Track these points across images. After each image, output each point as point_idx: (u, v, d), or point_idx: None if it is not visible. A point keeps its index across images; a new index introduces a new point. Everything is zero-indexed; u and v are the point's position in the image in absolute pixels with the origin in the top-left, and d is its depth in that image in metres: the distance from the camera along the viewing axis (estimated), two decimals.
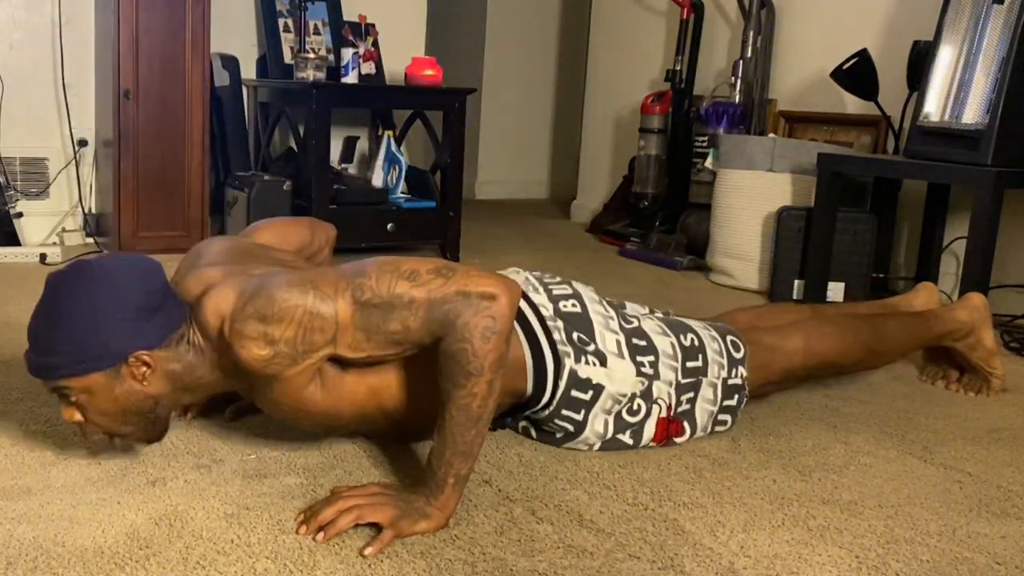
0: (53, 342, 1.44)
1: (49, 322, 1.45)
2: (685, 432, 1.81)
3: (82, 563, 1.28)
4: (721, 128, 3.86)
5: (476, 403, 1.39)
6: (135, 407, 1.49)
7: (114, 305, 1.43)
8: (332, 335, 1.41)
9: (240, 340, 1.41)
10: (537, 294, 1.74)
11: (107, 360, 1.44)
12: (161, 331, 1.47)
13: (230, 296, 1.44)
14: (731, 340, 1.88)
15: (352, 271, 1.44)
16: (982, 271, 2.66)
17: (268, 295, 1.40)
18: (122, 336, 1.43)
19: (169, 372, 1.49)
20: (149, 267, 1.49)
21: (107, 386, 1.46)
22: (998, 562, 1.41)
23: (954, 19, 2.90)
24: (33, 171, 3.64)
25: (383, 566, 1.31)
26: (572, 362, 1.68)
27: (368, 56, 3.94)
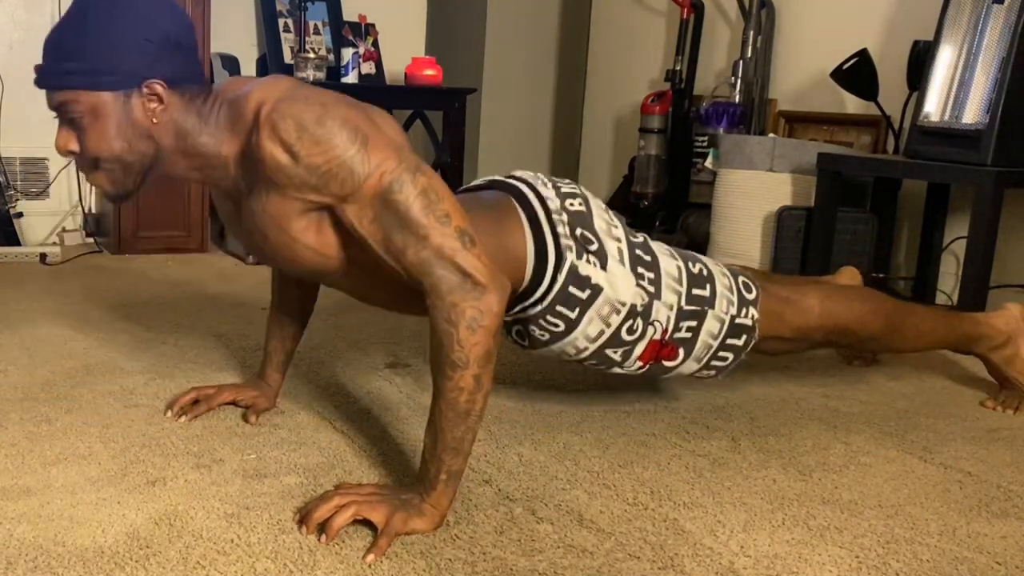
0: (72, 48, 1.39)
1: (71, 31, 1.40)
2: (677, 357, 1.77)
3: (82, 563, 1.28)
4: (721, 128, 3.86)
5: (463, 398, 1.38)
6: (134, 144, 1.44)
7: (143, 24, 1.39)
8: (348, 193, 1.38)
9: (268, 131, 1.37)
10: (545, 188, 1.71)
11: (122, 78, 1.39)
12: (181, 71, 1.43)
13: (284, 85, 1.40)
14: (743, 280, 1.83)
15: (407, 163, 1.40)
16: (982, 271, 2.66)
17: (320, 113, 1.36)
18: (144, 58, 1.39)
19: (176, 122, 1.44)
20: (184, 12, 1.46)
21: (115, 110, 1.41)
22: (998, 562, 1.41)
23: (954, 19, 2.90)
24: (33, 171, 3.64)
25: (383, 566, 1.31)
26: (573, 256, 1.65)
27: (368, 56, 3.94)
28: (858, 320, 1.92)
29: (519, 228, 1.65)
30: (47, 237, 3.67)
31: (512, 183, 1.73)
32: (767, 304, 1.83)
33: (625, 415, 1.98)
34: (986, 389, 2.26)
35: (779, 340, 1.90)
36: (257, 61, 4.05)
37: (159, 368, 2.15)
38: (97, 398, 1.94)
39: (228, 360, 2.24)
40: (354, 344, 2.43)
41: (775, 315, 1.84)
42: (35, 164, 3.63)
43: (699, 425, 1.94)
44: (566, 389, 2.14)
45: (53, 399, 1.92)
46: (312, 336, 2.43)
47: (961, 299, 2.72)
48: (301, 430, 1.80)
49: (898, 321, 1.98)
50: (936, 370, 2.41)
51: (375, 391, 2.07)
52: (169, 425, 1.80)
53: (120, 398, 1.94)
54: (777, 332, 1.86)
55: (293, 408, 1.92)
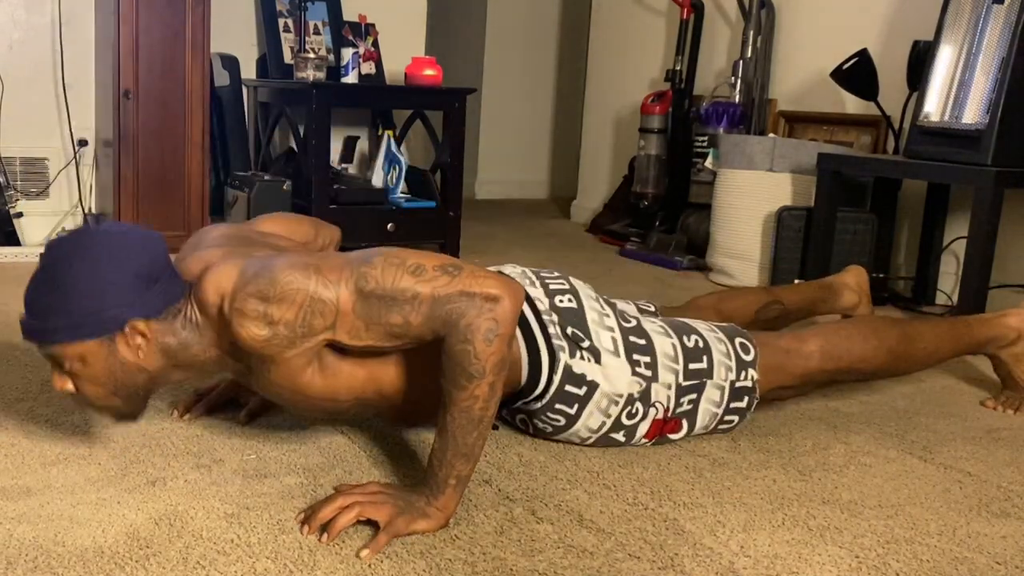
0: (49, 307, 1.43)
1: (46, 287, 1.44)
2: (682, 429, 1.80)
3: (82, 563, 1.28)
4: (721, 128, 3.86)
5: (478, 405, 1.39)
6: (127, 379, 1.48)
7: (113, 271, 1.42)
8: (332, 321, 1.41)
9: (240, 319, 1.40)
10: (534, 288, 1.73)
11: (103, 327, 1.43)
12: (159, 302, 1.46)
13: (231, 273, 1.43)
14: (740, 342, 1.84)
15: (358, 259, 1.44)
16: (982, 271, 2.66)
17: (270, 275, 1.40)
18: (119, 303, 1.42)
19: (165, 346, 1.48)
20: (150, 237, 1.48)
21: (101, 355, 1.45)
22: (998, 562, 1.41)
23: (954, 19, 2.90)
24: (33, 171, 3.64)
25: (383, 566, 1.31)
26: (567, 357, 1.67)
27: (368, 56, 3.94)
28: (860, 359, 1.91)
29: None
30: (47, 237, 3.67)
31: None
32: (767, 359, 1.84)
33: None
34: (987, 389, 2.26)
35: (784, 388, 1.91)
36: (257, 61, 4.05)
37: None
38: None
39: None
40: None
41: (776, 368, 1.85)
42: (35, 164, 3.63)
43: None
44: None
45: (53, 399, 1.92)
46: None
47: (961, 299, 2.72)
48: (301, 430, 1.80)
49: (903, 350, 1.97)
50: (936, 370, 2.41)
51: None
52: (169, 425, 1.80)
53: None
54: (780, 383, 1.88)
55: None
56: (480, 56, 5.84)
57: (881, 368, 1.96)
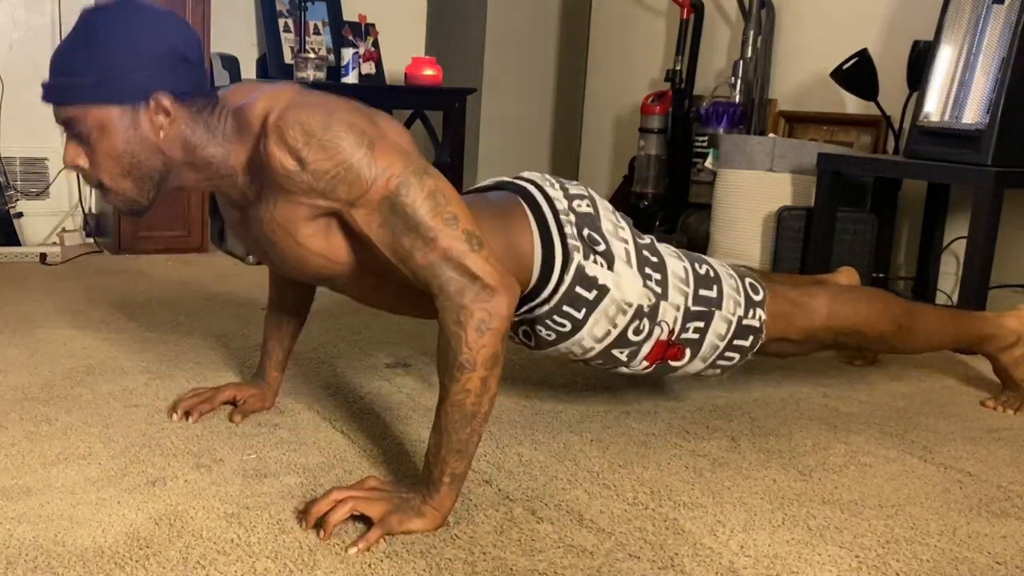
0: (78, 63, 1.39)
1: (78, 44, 1.40)
2: (684, 357, 1.78)
3: (82, 563, 1.28)
4: (721, 128, 3.86)
5: (470, 400, 1.38)
6: (143, 159, 1.44)
7: (148, 39, 1.39)
8: (356, 198, 1.39)
9: (276, 138, 1.37)
10: (553, 189, 1.71)
11: (129, 92, 1.39)
12: (188, 84, 1.43)
13: (289, 93, 1.41)
14: (750, 282, 1.83)
15: (414, 167, 1.40)
16: (982, 271, 2.66)
17: (326, 119, 1.37)
18: (150, 71, 1.39)
19: (184, 136, 1.44)
20: (190, 26, 1.46)
21: (122, 125, 1.41)
22: (998, 562, 1.41)
23: (954, 19, 2.90)
24: (33, 171, 3.64)
25: (383, 566, 1.31)
26: (580, 257, 1.65)
27: (368, 56, 3.94)
28: (866, 321, 1.91)
29: (526, 228, 1.66)
30: (47, 237, 3.67)
31: (520, 184, 1.73)
32: (774, 306, 1.83)
33: (625, 415, 1.98)
34: (987, 389, 2.26)
35: (786, 342, 1.90)
36: (257, 61, 4.04)
37: (159, 368, 2.15)
38: (97, 398, 1.94)
39: (228, 360, 2.24)
40: (354, 344, 2.43)
41: (783, 316, 1.84)
42: (35, 164, 3.63)
43: (699, 425, 1.94)
44: (566, 389, 2.14)
45: (53, 399, 1.92)
46: (312, 336, 2.43)
47: (961, 299, 2.71)
48: (301, 430, 1.80)
49: (906, 322, 1.97)
50: (936, 370, 2.41)
51: (375, 391, 2.07)
52: (169, 425, 1.80)
53: (120, 398, 1.94)
54: (784, 334, 1.86)
55: (293, 408, 1.92)
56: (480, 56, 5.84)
57: (884, 336, 1.95)
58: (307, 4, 3.88)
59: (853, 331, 1.91)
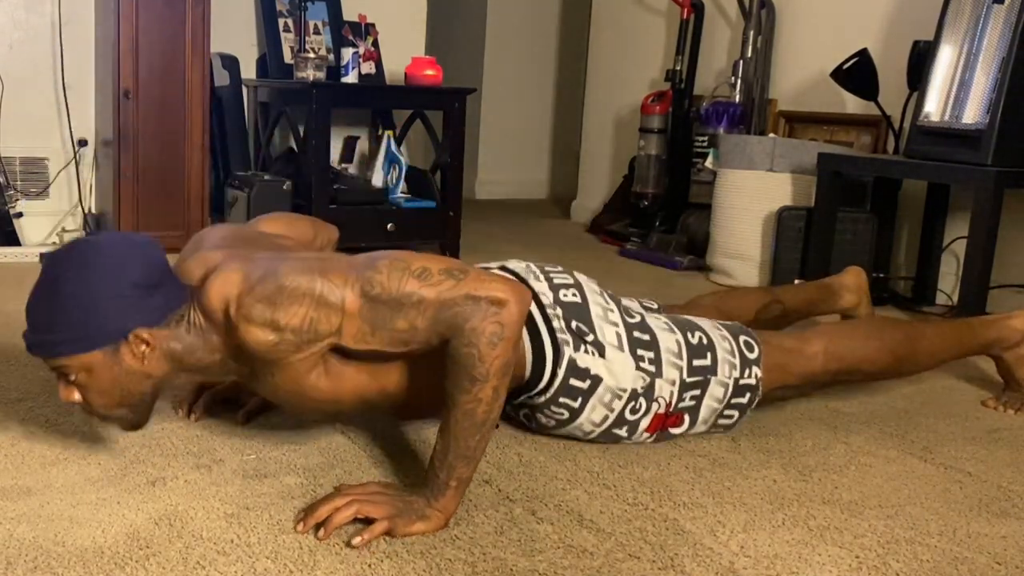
0: (52, 320, 1.43)
1: (47, 300, 1.44)
2: (683, 424, 1.79)
3: (82, 563, 1.28)
4: (721, 128, 3.86)
5: (481, 408, 1.39)
6: (133, 387, 1.48)
7: (113, 282, 1.42)
8: (338, 326, 1.41)
9: (246, 324, 1.40)
10: (538, 282, 1.73)
11: (106, 337, 1.43)
12: (161, 309, 1.46)
13: (235, 278, 1.43)
14: (744, 340, 1.84)
15: (363, 263, 1.43)
16: (982, 271, 2.66)
17: (276, 280, 1.40)
18: (121, 313, 1.42)
19: (169, 352, 1.48)
20: (148, 244, 1.48)
21: (107, 365, 1.45)
22: (998, 562, 1.41)
23: (954, 19, 2.90)
24: (33, 171, 3.64)
25: (383, 566, 1.31)
26: (571, 351, 1.67)
27: (368, 56, 3.94)
28: (864, 359, 1.93)
29: None
30: (47, 237, 3.67)
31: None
32: (770, 358, 1.84)
33: None
34: (987, 389, 2.26)
35: (787, 387, 1.91)
36: (257, 61, 4.05)
37: None
38: None
39: None
40: None
41: (779, 367, 1.86)
42: (35, 164, 3.63)
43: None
44: None
45: (53, 399, 1.92)
46: None
47: (961, 299, 2.72)
48: (301, 430, 1.80)
49: (906, 352, 1.98)
50: (937, 370, 2.41)
51: None
52: (169, 425, 1.80)
53: None
54: (783, 382, 1.88)
55: None
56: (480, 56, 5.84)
57: (884, 370, 1.97)
58: (307, 4, 3.88)
59: (852, 370, 1.93)
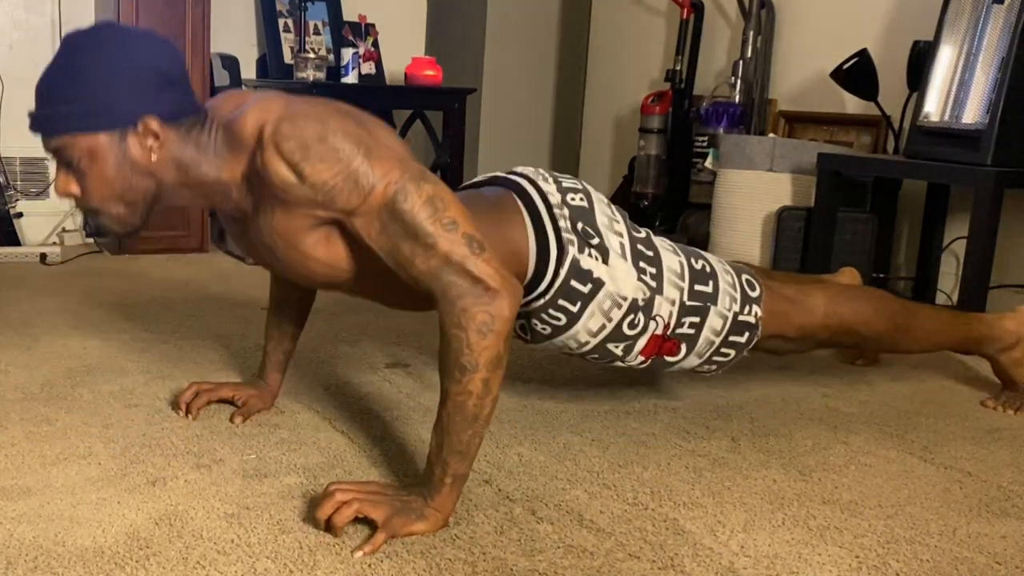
0: (63, 94, 1.40)
1: (61, 74, 1.41)
2: (679, 353, 1.78)
3: (82, 563, 1.28)
4: (721, 128, 3.86)
5: (471, 401, 1.38)
6: (134, 183, 1.44)
7: (131, 64, 1.39)
8: (355, 207, 1.39)
9: (272, 151, 1.37)
10: (546, 183, 1.72)
11: (117, 118, 1.40)
12: (176, 105, 1.43)
13: (279, 105, 1.40)
14: (746, 278, 1.83)
15: (411, 172, 1.40)
16: (982, 271, 2.66)
17: (321, 129, 1.37)
18: (136, 96, 1.40)
19: (175, 157, 1.44)
20: (170, 43, 1.46)
21: (112, 151, 1.41)
22: (998, 562, 1.41)
23: (954, 19, 2.90)
24: (33, 171, 3.64)
25: (383, 566, 1.31)
26: (575, 250, 1.66)
27: (368, 56, 3.94)
28: (863, 320, 1.92)
29: (521, 223, 1.66)
30: (47, 237, 3.67)
31: (513, 179, 1.73)
32: (771, 303, 1.84)
33: (625, 415, 1.98)
34: (987, 389, 2.26)
35: (783, 339, 1.90)
36: (257, 61, 4.04)
37: (159, 368, 2.15)
38: (97, 398, 1.94)
39: (228, 360, 2.24)
40: (354, 344, 2.43)
41: (779, 314, 1.85)
42: (35, 164, 3.63)
43: (699, 425, 1.94)
44: (566, 389, 2.14)
45: (53, 399, 1.92)
46: (312, 336, 2.43)
47: (961, 299, 2.72)
48: (301, 430, 1.80)
49: (904, 322, 1.98)
50: (936, 370, 2.41)
51: (375, 391, 2.07)
52: (169, 425, 1.80)
53: (120, 398, 1.94)
54: (781, 331, 1.87)
55: (293, 408, 1.92)
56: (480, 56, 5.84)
57: (881, 335, 1.96)
58: (307, 4, 3.88)
59: (850, 330, 1.92)
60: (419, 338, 2.50)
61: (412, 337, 2.52)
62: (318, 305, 1.97)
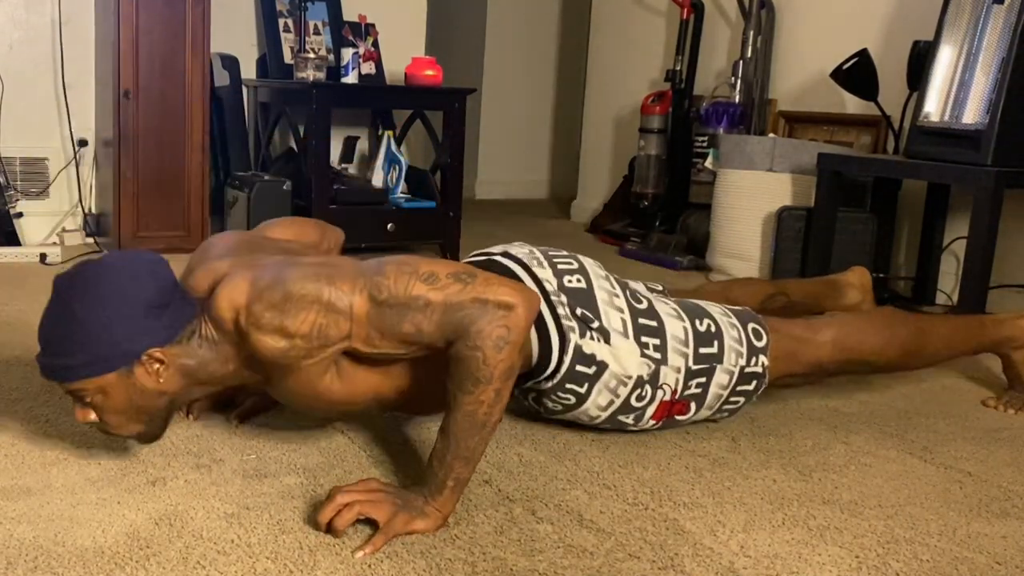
0: (65, 345, 1.43)
1: (59, 325, 1.44)
2: (689, 411, 1.80)
3: (82, 563, 1.28)
4: (721, 128, 3.86)
5: (482, 410, 1.40)
6: (148, 405, 1.49)
7: (123, 304, 1.43)
8: (347, 331, 1.42)
9: (256, 332, 1.41)
10: (542, 269, 1.73)
11: (120, 360, 1.44)
12: (172, 327, 1.46)
13: (243, 286, 1.43)
14: (752, 328, 1.83)
15: (370, 269, 1.44)
16: (982, 271, 2.66)
17: (284, 288, 1.40)
18: (134, 335, 1.43)
19: (183, 368, 1.48)
20: (155, 263, 1.49)
21: (121, 385, 1.46)
22: (998, 562, 1.41)
23: (954, 19, 2.90)
24: (33, 171, 3.64)
25: (383, 566, 1.31)
26: (577, 337, 1.67)
27: (368, 56, 3.94)
28: (872, 351, 1.93)
29: None
30: (47, 237, 3.67)
31: (508, 265, 1.74)
32: (779, 346, 1.85)
33: None
34: (987, 389, 2.26)
35: (794, 376, 1.92)
36: (257, 61, 4.05)
37: None
38: None
39: None
40: None
41: (788, 355, 1.86)
42: (35, 164, 3.63)
43: (699, 425, 1.94)
44: None
45: (53, 399, 1.92)
46: None
47: (961, 299, 2.72)
48: (301, 430, 1.80)
49: (915, 346, 1.98)
50: (936, 370, 2.41)
51: None
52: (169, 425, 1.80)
53: None
54: (790, 371, 1.88)
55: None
56: (480, 56, 5.84)
57: (892, 362, 1.97)
58: (307, 4, 3.88)
59: (860, 361, 1.93)
60: None
61: None
62: None
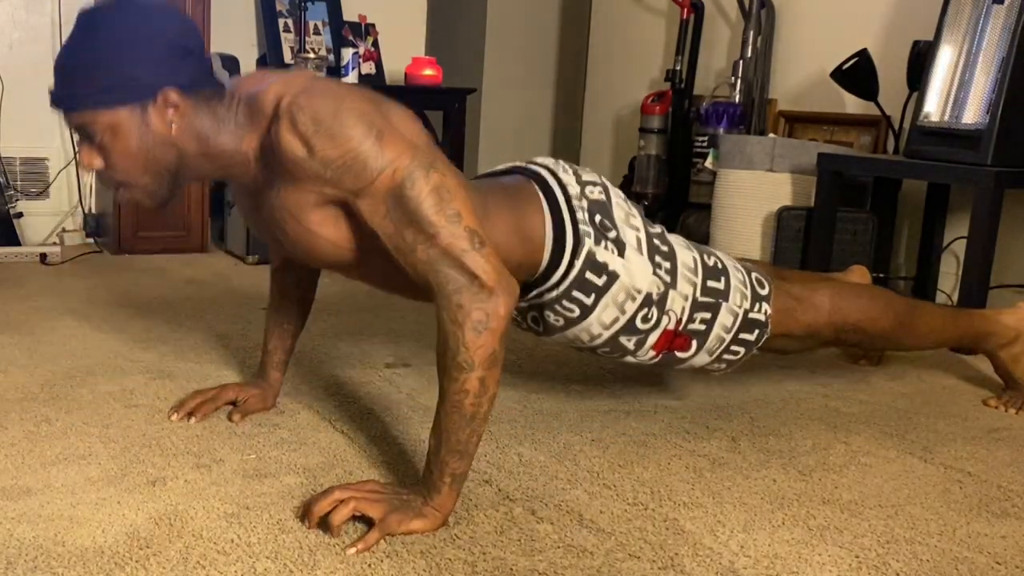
0: (81, 70, 1.40)
1: (79, 51, 1.41)
2: (690, 348, 1.78)
3: (82, 563, 1.28)
4: (721, 128, 3.86)
5: (468, 400, 1.38)
6: (157, 154, 1.45)
7: (148, 36, 1.40)
8: (362, 187, 1.39)
9: (286, 123, 1.39)
10: (566, 174, 1.72)
11: (136, 92, 1.40)
12: (193, 76, 1.44)
13: (303, 81, 1.42)
14: (756, 277, 1.84)
15: (421, 158, 1.40)
16: (982, 271, 2.66)
17: (336, 107, 1.38)
18: (153, 69, 1.40)
19: (195, 127, 1.45)
20: (186, 16, 1.47)
21: (133, 125, 1.42)
22: (998, 562, 1.41)
23: (954, 19, 2.90)
24: (33, 171, 3.64)
25: (383, 566, 1.31)
26: (591, 242, 1.66)
27: (368, 56, 3.94)
28: (868, 318, 1.93)
29: (539, 212, 1.66)
30: (47, 237, 3.67)
31: (534, 168, 1.74)
32: (779, 301, 1.85)
33: (625, 415, 1.98)
34: (987, 389, 2.26)
35: (789, 338, 1.91)
36: (257, 61, 4.05)
37: (159, 368, 2.15)
38: (97, 398, 1.94)
39: (228, 360, 2.24)
40: (354, 344, 2.43)
41: (787, 312, 1.86)
42: (35, 164, 3.63)
43: (699, 425, 1.94)
44: (566, 389, 2.14)
45: (53, 399, 1.92)
46: (312, 335, 2.43)
47: (961, 299, 2.71)
48: (301, 430, 1.80)
49: (908, 319, 2.00)
50: (936, 370, 2.41)
51: (375, 391, 2.07)
52: (169, 425, 1.80)
53: (120, 398, 1.94)
54: (788, 329, 1.88)
55: (293, 408, 1.92)
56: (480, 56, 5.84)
57: (885, 332, 1.97)
58: (307, 4, 3.88)
59: (855, 327, 1.93)
60: (419, 338, 2.50)
61: (412, 336, 2.52)
62: (318, 304, 1.97)
